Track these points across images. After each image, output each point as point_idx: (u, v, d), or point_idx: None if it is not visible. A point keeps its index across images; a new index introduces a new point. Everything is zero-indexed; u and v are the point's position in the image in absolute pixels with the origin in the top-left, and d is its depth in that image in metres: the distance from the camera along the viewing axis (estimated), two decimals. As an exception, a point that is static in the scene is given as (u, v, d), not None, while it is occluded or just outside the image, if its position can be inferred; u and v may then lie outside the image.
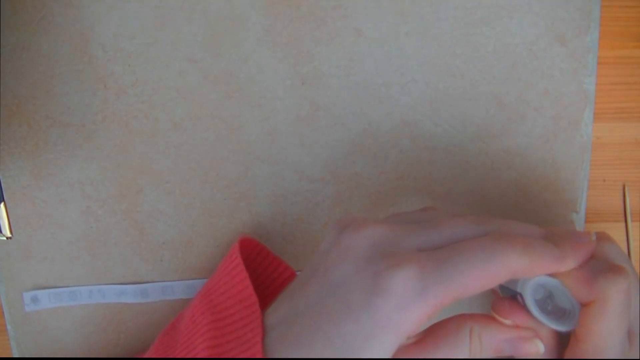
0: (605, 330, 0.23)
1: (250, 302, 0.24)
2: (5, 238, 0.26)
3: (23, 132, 0.31)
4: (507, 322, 0.25)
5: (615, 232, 0.33)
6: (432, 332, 0.24)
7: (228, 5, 0.30)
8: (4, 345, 0.33)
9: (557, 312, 0.24)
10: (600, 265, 0.24)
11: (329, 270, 0.23)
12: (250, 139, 0.31)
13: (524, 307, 0.24)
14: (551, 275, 0.24)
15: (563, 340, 0.25)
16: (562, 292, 0.24)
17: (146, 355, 0.28)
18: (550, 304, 0.24)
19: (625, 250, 0.33)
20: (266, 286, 0.29)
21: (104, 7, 0.29)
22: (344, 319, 0.21)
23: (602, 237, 0.26)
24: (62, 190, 0.31)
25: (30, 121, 0.31)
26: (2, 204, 0.26)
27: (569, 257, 0.23)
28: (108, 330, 0.33)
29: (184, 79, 0.30)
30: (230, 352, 0.23)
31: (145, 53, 0.30)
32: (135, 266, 0.32)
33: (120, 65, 0.30)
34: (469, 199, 0.32)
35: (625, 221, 0.33)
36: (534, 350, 0.24)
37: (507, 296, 0.26)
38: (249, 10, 0.30)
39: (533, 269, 0.22)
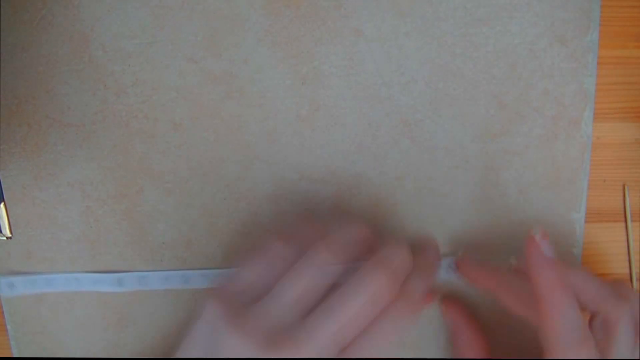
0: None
1: None
2: (5, 238, 0.26)
3: (23, 132, 0.31)
4: None
5: (615, 232, 0.33)
6: None
7: (228, 5, 0.30)
8: (4, 345, 0.33)
9: None
10: None
11: None
12: (250, 139, 0.31)
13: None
14: None
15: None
16: None
17: None
18: None
19: (625, 250, 0.33)
20: None
21: (104, 7, 0.29)
22: None
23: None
24: (62, 190, 0.31)
25: (30, 121, 0.31)
26: (2, 204, 0.26)
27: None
28: (108, 330, 0.33)
29: (184, 79, 0.30)
30: None
31: (145, 53, 0.30)
32: (135, 266, 0.32)
33: (120, 65, 0.30)
34: (469, 199, 0.32)
35: (625, 221, 0.33)
36: None
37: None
38: (249, 10, 0.30)
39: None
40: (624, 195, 0.33)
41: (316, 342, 0.23)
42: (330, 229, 0.27)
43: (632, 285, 0.33)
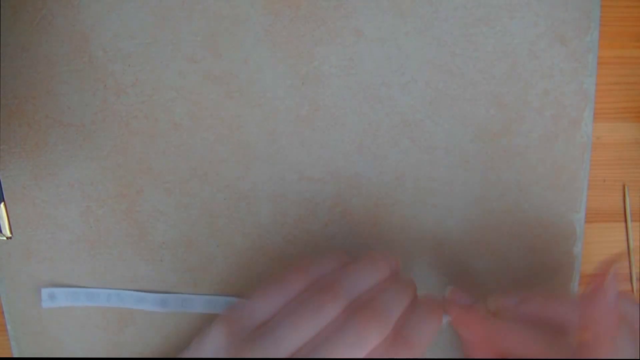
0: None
1: None
2: (5, 238, 0.26)
3: (23, 132, 0.31)
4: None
5: (615, 232, 0.33)
6: None
7: (228, 5, 0.30)
8: (4, 345, 0.33)
9: None
10: None
11: None
12: (250, 139, 0.31)
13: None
14: None
15: None
16: None
17: None
18: None
19: (625, 250, 0.33)
20: None
21: (104, 7, 0.29)
22: None
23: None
24: (62, 190, 0.31)
25: (30, 121, 0.31)
26: (2, 204, 0.26)
27: None
28: (108, 330, 0.33)
29: (184, 79, 0.30)
30: None
31: (145, 53, 0.30)
32: (135, 266, 0.32)
33: (120, 65, 0.30)
34: (469, 199, 0.32)
35: (625, 221, 0.33)
36: None
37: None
38: (249, 10, 0.30)
39: None
40: (624, 195, 0.33)
41: None
42: (349, 265, 0.27)
43: (632, 286, 0.33)
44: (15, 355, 0.33)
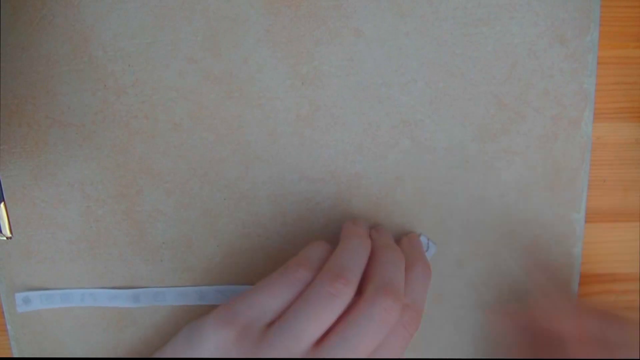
0: None
1: None
2: (5, 238, 0.26)
3: (23, 132, 0.31)
4: None
5: (616, 232, 0.33)
6: None
7: (228, 5, 0.30)
8: (4, 345, 0.33)
9: None
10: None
11: None
12: (250, 139, 0.31)
13: None
14: None
15: None
16: None
17: None
18: None
19: (625, 250, 0.33)
20: None
21: (104, 7, 0.29)
22: None
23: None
24: (62, 190, 0.31)
25: (30, 121, 0.31)
26: (2, 204, 0.26)
27: None
28: (108, 331, 0.33)
29: (184, 79, 0.30)
30: None
31: (145, 53, 0.30)
32: (135, 266, 0.32)
33: (120, 65, 0.30)
34: (469, 199, 0.32)
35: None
36: None
37: None
38: (249, 10, 0.30)
39: None
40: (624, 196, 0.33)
41: None
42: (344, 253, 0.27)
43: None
44: (15, 355, 0.33)
